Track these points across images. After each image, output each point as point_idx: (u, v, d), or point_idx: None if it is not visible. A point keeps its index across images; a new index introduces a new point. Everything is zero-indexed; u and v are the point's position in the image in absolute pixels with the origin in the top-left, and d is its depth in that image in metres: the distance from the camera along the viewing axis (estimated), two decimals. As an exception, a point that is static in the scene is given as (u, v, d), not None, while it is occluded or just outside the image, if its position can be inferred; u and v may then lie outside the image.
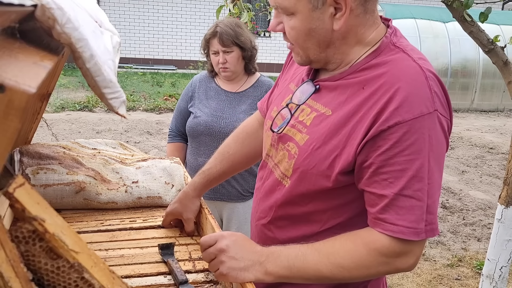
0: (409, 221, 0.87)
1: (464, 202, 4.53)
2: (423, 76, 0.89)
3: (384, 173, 0.88)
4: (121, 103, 0.72)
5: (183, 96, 2.21)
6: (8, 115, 0.47)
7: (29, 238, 0.72)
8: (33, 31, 0.63)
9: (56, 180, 1.38)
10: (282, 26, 0.96)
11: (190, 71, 11.94)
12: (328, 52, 0.96)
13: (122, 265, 1.16)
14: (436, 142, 0.88)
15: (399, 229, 0.88)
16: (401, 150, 0.86)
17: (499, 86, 9.40)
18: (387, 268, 0.92)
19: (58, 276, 0.74)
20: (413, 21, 9.32)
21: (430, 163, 0.87)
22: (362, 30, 0.95)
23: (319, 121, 0.97)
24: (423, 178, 0.87)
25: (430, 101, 0.87)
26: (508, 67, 2.16)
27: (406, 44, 0.97)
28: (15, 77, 0.47)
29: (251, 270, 0.94)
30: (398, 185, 0.87)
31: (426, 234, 0.89)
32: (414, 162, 0.86)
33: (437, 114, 0.88)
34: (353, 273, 0.92)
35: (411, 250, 0.90)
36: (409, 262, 0.92)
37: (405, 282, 3.06)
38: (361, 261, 0.91)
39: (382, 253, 0.90)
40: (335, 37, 0.94)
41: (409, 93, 0.87)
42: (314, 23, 0.92)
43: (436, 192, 0.90)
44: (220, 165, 1.31)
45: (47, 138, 5.18)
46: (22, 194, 0.70)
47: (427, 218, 0.89)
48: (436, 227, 0.91)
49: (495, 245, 2.28)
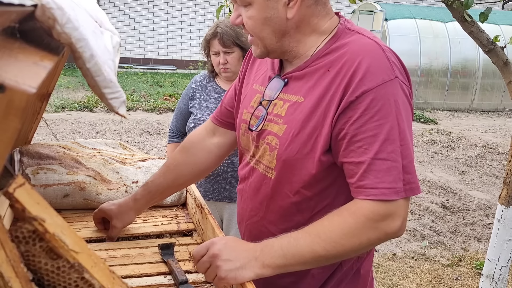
0: (388, 182, 0.91)
1: (464, 202, 4.53)
2: (380, 49, 0.97)
3: (358, 141, 0.93)
4: (121, 103, 0.72)
5: (183, 96, 2.21)
6: (8, 115, 0.47)
7: (29, 238, 0.72)
8: (33, 31, 0.63)
9: (56, 180, 1.38)
10: (241, 19, 1.02)
11: (190, 71, 11.94)
12: (284, 42, 1.02)
13: (122, 265, 1.16)
14: (402, 106, 0.94)
15: (381, 191, 0.92)
16: (371, 117, 0.92)
17: (499, 86, 9.39)
18: (377, 234, 0.94)
19: (58, 276, 0.74)
20: (413, 21, 9.32)
21: (399, 126, 0.93)
22: (315, 20, 1.02)
23: (294, 109, 1.02)
24: (394, 140, 0.92)
25: (390, 69, 0.95)
26: (508, 67, 2.16)
27: (359, 28, 1.05)
28: (15, 77, 0.47)
29: (249, 267, 0.95)
30: (373, 150, 0.92)
31: (406, 193, 0.93)
32: (384, 126, 0.92)
33: (398, 81, 0.95)
34: (346, 245, 0.94)
35: (395, 211, 0.93)
36: (395, 224, 0.94)
37: (405, 282, 3.06)
38: (350, 230, 0.93)
39: (369, 218, 0.93)
40: (290, 26, 1.00)
41: (370, 65, 0.94)
42: (269, 12, 0.98)
43: (409, 153, 0.94)
44: (162, 178, 1.28)
45: (47, 138, 5.18)
46: (22, 194, 0.70)
47: (404, 178, 0.93)
48: (416, 186, 0.95)
49: (495, 245, 2.28)
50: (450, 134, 7.39)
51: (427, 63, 9.19)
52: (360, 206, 0.94)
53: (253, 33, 1.03)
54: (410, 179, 0.93)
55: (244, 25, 1.03)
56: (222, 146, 1.30)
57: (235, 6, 1.03)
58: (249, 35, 1.05)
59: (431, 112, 9.08)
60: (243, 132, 1.16)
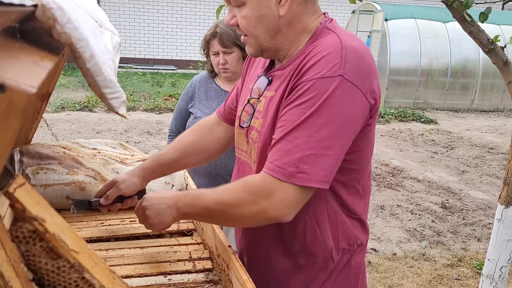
0: (281, 162, 0.95)
1: (464, 202, 4.53)
2: (339, 47, 0.97)
3: (282, 121, 0.99)
4: (121, 103, 0.72)
5: (183, 97, 2.21)
6: (9, 115, 0.47)
7: (29, 238, 0.72)
8: (34, 31, 0.63)
9: (56, 180, 1.38)
10: (236, 20, 1.06)
11: (190, 71, 11.94)
12: (277, 40, 1.06)
13: (122, 265, 1.16)
14: (334, 104, 0.94)
15: (272, 165, 0.96)
16: (299, 104, 0.96)
17: (499, 86, 9.40)
18: (257, 208, 0.97)
19: (58, 276, 0.74)
20: (413, 21, 9.32)
21: (318, 119, 0.94)
22: (305, 18, 1.05)
23: (267, 103, 1.09)
24: (306, 129, 0.94)
25: (336, 66, 0.95)
26: (508, 67, 2.16)
27: (339, 28, 1.07)
28: (15, 77, 0.47)
29: (167, 212, 1.09)
30: (285, 132, 0.96)
31: (295, 180, 0.94)
32: (304, 115, 0.95)
33: (341, 79, 0.94)
34: (230, 210, 1.01)
35: (277, 192, 0.95)
36: (276, 206, 0.95)
37: (405, 282, 3.06)
38: (236, 197, 1.00)
39: (252, 189, 0.98)
40: (282, 24, 1.04)
41: (320, 58, 0.97)
42: (263, 10, 1.02)
43: (320, 149, 0.94)
44: (172, 152, 1.35)
45: (47, 138, 5.18)
46: (23, 194, 0.70)
47: (299, 166, 0.94)
48: (308, 178, 0.94)
49: (495, 245, 2.28)
50: (450, 134, 7.39)
51: (427, 63, 9.20)
52: (253, 178, 1.00)
53: (247, 32, 1.06)
54: (306, 170, 0.94)
55: (239, 26, 1.06)
56: (225, 138, 1.38)
57: (229, 8, 1.07)
58: (243, 35, 1.08)
59: (431, 112, 9.08)
60: (236, 128, 1.23)
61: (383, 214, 4.14)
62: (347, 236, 1.12)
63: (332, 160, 0.95)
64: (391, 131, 7.37)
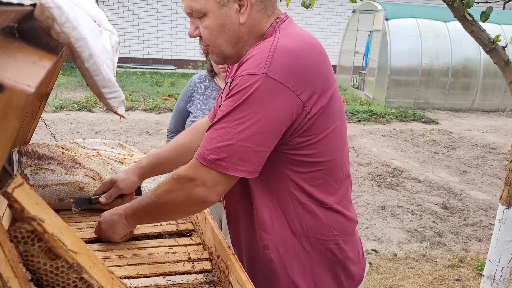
0: (205, 149, 1.01)
1: (465, 203, 4.52)
2: (269, 47, 1.01)
3: (217, 112, 1.05)
4: (120, 103, 0.72)
5: (182, 96, 2.21)
6: (7, 114, 0.47)
7: (28, 238, 0.72)
8: (32, 30, 0.62)
9: (54, 180, 1.37)
10: (199, 31, 1.09)
11: (190, 70, 11.94)
12: (239, 47, 1.10)
13: (121, 265, 1.15)
14: (256, 100, 0.98)
15: (198, 151, 1.03)
16: (228, 97, 1.02)
17: (500, 86, 9.39)
18: (185, 193, 1.04)
19: (57, 277, 0.74)
20: (414, 20, 9.32)
21: (239, 113, 0.99)
22: (264, 22, 1.09)
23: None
24: (229, 121, 1.00)
25: (261, 64, 0.98)
26: (509, 66, 2.16)
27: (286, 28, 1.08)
28: (14, 77, 0.47)
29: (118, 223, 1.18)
30: (215, 121, 1.03)
31: (214, 166, 1.00)
32: (229, 108, 1.01)
33: (264, 77, 0.98)
34: (164, 199, 1.07)
35: (199, 175, 1.02)
36: (200, 189, 1.02)
37: (406, 283, 3.05)
38: (168, 186, 1.06)
39: (179, 176, 1.05)
40: (243, 31, 1.08)
41: (251, 57, 1.01)
42: (223, 19, 1.06)
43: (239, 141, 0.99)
44: (168, 152, 1.40)
45: (46, 138, 5.18)
46: (21, 194, 0.69)
47: (219, 154, 1.00)
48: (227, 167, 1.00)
49: (496, 245, 2.28)
50: (451, 134, 7.39)
51: (428, 63, 9.19)
52: (183, 166, 1.06)
53: (209, 42, 1.10)
54: (224, 158, 1.00)
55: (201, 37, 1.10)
56: None
57: (191, 20, 1.10)
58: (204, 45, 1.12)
59: (432, 112, 9.08)
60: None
61: (383, 214, 4.14)
62: (319, 226, 1.14)
63: (251, 152, 1.00)
64: (392, 131, 7.36)
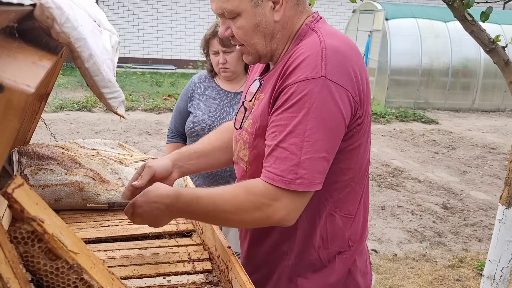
0: (280, 170, 0.97)
1: (465, 203, 4.52)
2: (319, 47, 0.99)
3: (273, 127, 1.00)
4: (120, 103, 0.72)
5: (182, 96, 2.20)
6: (7, 115, 0.46)
7: (28, 239, 0.72)
8: (32, 30, 0.62)
9: (54, 180, 1.37)
10: (231, 31, 1.07)
11: (190, 70, 11.93)
12: (273, 45, 1.08)
13: (121, 266, 1.15)
14: (320, 105, 0.96)
15: (271, 175, 0.97)
16: (287, 108, 0.98)
17: (500, 86, 9.38)
18: (260, 215, 0.99)
19: (57, 277, 0.74)
20: (414, 20, 9.31)
21: (309, 122, 0.95)
22: (296, 19, 1.08)
23: (257, 105, 1.11)
24: (299, 134, 0.96)
25: (318, 67, 0.96)
26: (509, 66, 2.16)
27: (323, 27, 1.07)
28: (14, 77, 0.46)
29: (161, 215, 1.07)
30: (279, 138, 0.98)
31: (295, 186, 0.96)
32: (294, 119, 0.96)
33: (324, 80, 0.95)
34: (232, 216, 1.02)
35: (280, 199, 0.97)
36: (279, 213, 0.98)
37: (406, 283, 3.05)
38: (239, 205, 1.00)
39: (255, 197, 0.99)
40: (277, 29, 1.06)
41: (302, 61, 0.98)
42: (258, 18, 1.03)
43: (314, 152, 0.96)
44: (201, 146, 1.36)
45: (46, 138, 5.17)
46: (21, 194, 0.69)
47: (298, 172, 0.96)
48: (307, 183, 0.97)
49: (496, 245, 2.28)
50: (451, 134, 7.38)
51: (428, 63, 9.19)
52: (255, 184, 1.00)
53: (244, 42, 1.07)
54: (304, 175, 0.96)
55: (233, 37, 1.08)
56: None
57: (222, 20, 1.08)
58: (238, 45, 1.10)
59: (432, 112, 9.07)
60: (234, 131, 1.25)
61: (383, 214, 4.14)
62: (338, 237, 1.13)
63: (325, 161, 0.98)
64: (392, 131, 7.36)
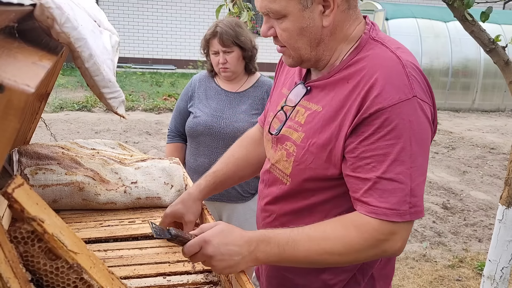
0: (391, 203, 0.91)
1: (465, 203, 4.52)
2: (400, 65, 0.94)
3: (367, 158, 0.92)
4: (120, 103, 0.72)
5: (182, 96, 2.20)
6: (7, 115, 0.46)
7: (28, 238, 0.72)
8: (32, 30, 0.62)
9: (54, 180, 1.37)
10: (274, 31, 1.00)
11: (190, 70, 11.93)
12: (318, 50, 1.01)
13: (121, 266, 1.15)
14: (418, 127, 0.92)
15: (382, 211, 0.91)
16: (383, 135, 0.91)
17: (500, 86, 9.38)
18: (376, 251, 0.95)
19: (57, 277, 0.74)
20: (414, 20, 9.31)
21: (412, 147, 0.91)
22: (347, 25, 1.00)
23: (312, 118, 1.03)
24: (404, 161, 0.90)
25: (407, 87, 0.91)
26: (509, 66, 2.16)
27: (384, 37, 1.03)
28: (14, 77, 0.46)
29: (242, 262, 0.96)
30: (381, 169, 0.91)
31: (410, 216, 0.92)
32: (395, 146, 0.90)
33: (416, 100, 0.92)
34: (343, 258, 0.96)
35: (397, 232, 0.93)
36: (396, 245, 0.95)
37: (406, 283, 3.05)
38: (352, 245, 0.94)
39: (372, 235, 0.93)
40: (325, 34, 0.99)
41: (387, 81, 0.91)
42: (305, 22, 0.96)
43: (419, 176, 0.93)
44: (226, 168, 1.31)
45: (46, 138, 5.17)
46: (21, 194, 0.69)
47: (410, 201, 0.91)
48: (420, 210, 0.94)
49: (496, 245, 2.28)
50: (451, 134, 7.38)
51: (428, 63, 9.19)
52: (365, 221, 0.93)
53: (287, 45, 1.00)
54: (416, 202, 0.92)
55: (276, 37, 1.01)
56: None
57: (265, 19, 1.01)
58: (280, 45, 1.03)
59: (432, 112, 9.07)
60: (265, 134, 1.19)
61: (383, 214, 4.14)
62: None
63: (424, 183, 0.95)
64: (392, 131, 7.36)
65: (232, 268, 0.96)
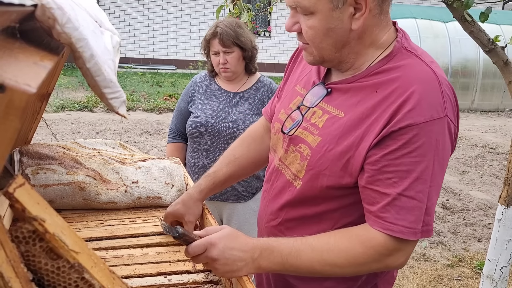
0: (408, 222, 0.90)
1: (464, 202, 4.53)
2: (437, 82, 0.91)
3: (389, 172, 0.90)
4: (121, 103, 0.72)
5: (183, 96, 2.21)
6: (8, 115, 0.47)
7: (29, 238, 0.72)
8: (33, 31, 0.63)
9: (56, 180, 1.37)
10: (299, 26, 0.96)
11: (190, 71, 11.93)
12: (343, 52, 0.97)
13: (122, 265, 1.16)
14: (442, 147, 0.90)
15: (399, 228, 0.90)
16: (409, 152, 0.88)
17: (499, 86, 9.39)
18: (379, 265, 0.95)
19: (58, 277, 0.74)
20: (414, 21, 9.31)
21: (434, 167, 0.90)
22: (377, 30, 0.96)
23: (331, 123, 0.99)
24: (426, 180, 0.89)
25: (441, 106, 0.90)
26: (508, 67, 2.16)
27: (417, 48, 0.99)
28: (15, 77, 0.47)
29: (245, 269, 0.96)
30: (402, 186, 0.89)
31: (421, 235, 0.92)
32: (420, 164, 0.88)
33: (447, 120, 0.90)
34: (345, 270, 0.95)
35: (404, 248, 0.93)
36: (400, 260, 0.94)
37: (405, 282, 3.06)
38: (355, 258, 0.94)
39: (377, 250, 0.92)
40: (352, 37, 0.95)
41: (422, 97, 0.89)
42: (333, 23, 0.92)
43: (436, 195, 0.92)
44: (226, 168, 1.29)
45: (47, 138, 5.17)
46: (22, 194, 0.70)
47: (424, 219, 0.91)
48: (431, 228, 0.94)
49: (496, 245, 2.28)
50: (450, 134, 7.38)
51: (427, 63, 9.19)
52: (372, 236, 0.92)
53: (311, 43, 0.96)
54: (429, 221, 0.92)
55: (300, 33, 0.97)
56: None
57: (291, 13, 0.97)
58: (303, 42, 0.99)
59: (431, 112, 9.07)
60: (275, 131, 1.15)
61: (383, 214, 4.14)
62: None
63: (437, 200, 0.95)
64: (391, 131, 7.36)
65: (234, 273, 0.96)
